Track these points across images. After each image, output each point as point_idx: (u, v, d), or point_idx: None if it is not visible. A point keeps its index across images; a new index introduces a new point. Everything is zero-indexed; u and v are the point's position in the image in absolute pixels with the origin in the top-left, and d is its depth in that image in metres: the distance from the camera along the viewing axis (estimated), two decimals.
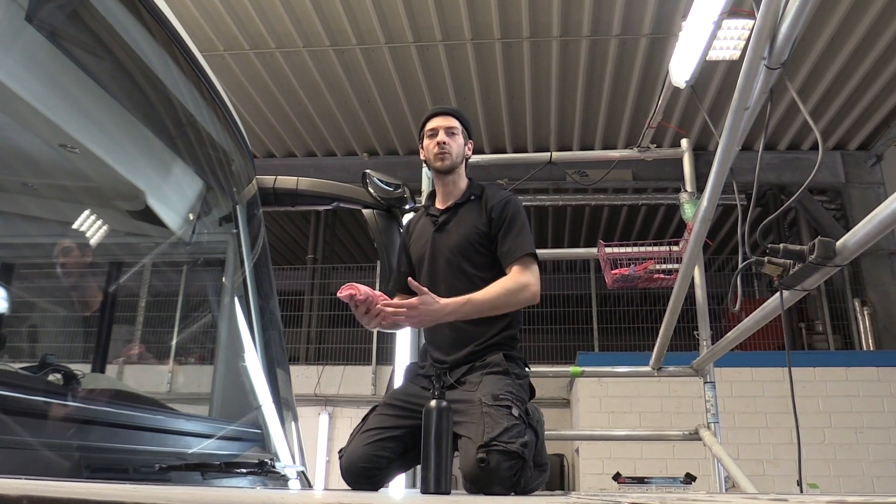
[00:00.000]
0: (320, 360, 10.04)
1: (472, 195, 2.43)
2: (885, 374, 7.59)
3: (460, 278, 2.32)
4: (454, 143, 2.42)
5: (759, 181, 9.36)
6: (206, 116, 2.19)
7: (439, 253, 2.38)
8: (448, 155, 2.41)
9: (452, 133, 2.43)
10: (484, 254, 2.33)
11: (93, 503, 0.54)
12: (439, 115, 2.47)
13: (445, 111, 2.49)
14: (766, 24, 1.95)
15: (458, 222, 2.40)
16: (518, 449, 1.91)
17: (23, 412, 1.14)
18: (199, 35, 7.65)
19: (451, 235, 2.38)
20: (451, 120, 2.45)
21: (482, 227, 2.34)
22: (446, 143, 2.41)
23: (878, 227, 1.65)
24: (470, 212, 2.40)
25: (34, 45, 1.46)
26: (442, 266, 2.37)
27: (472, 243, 2.33)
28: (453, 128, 2.43)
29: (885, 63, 7.87)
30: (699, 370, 3.88)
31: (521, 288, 2.23)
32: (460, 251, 2.34)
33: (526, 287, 2.23)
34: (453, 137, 2.42)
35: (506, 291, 2.21)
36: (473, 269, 2.32)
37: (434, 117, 2.47)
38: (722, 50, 4.19)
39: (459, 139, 2.44)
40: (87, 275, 2.01)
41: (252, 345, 2.25)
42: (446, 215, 2.43)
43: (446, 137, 2.41)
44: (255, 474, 1.79)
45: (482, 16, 7.40)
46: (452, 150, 2.41)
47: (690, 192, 4.20)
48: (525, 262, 2.28)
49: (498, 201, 2.37)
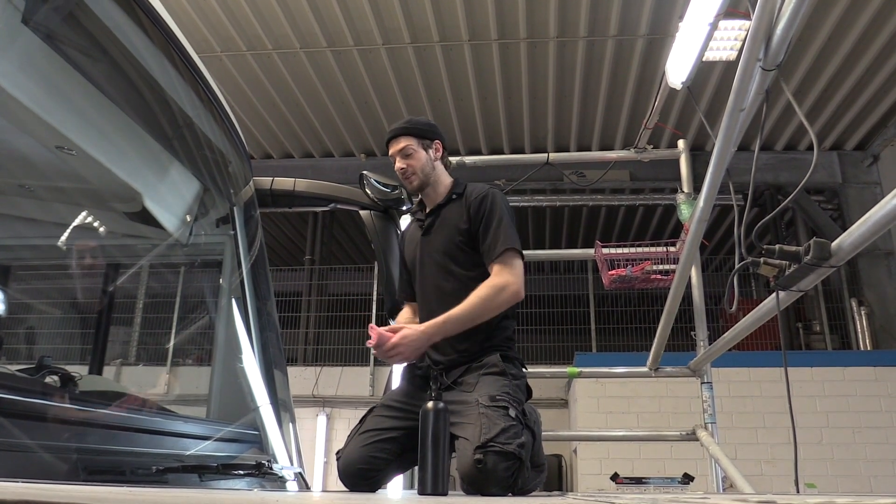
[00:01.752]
0: (318, 361, 10.04)
1: (454, 194, 2.45)
2: (882, 373, 7.60)
3: (448, 279, 2.33)
4: (414, 163, 2.43)
5: (756, 181, 9.37)
6: (202, 118, 2.19)
7: (427, 257, 2.41)
8: (413, 175, 2.44)
9: (407, 154, 2.43)
10: (468, 251, 2.34)
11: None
12: (391, 140, 2.47)
13: (395, 133, 2.47)
14: (762, 25, 1.96)
15: (441, 224, 2.42)
16: (515, 450, 1.91)
17: (20, 414, 1.14)
18: (195, 36, 7.64)
19: (435, 238, 2.41)
20: (401, 141, 2.44)
21: (463, 224, 2.35)
22: (405, 167, 2.43)
23: (873, 228, 1.65)
24: (451, 212, 2.42)
25: (30, 46, 1.46)
26: (430, 269, 2.39)
27: (456, 243, 2.34)
28: (405, 148, 2.43)
29: (881, 64, 7.88)
30: (696, 370, 3.89)
31: (498, 291, 2.21)
32: (445, 252, 2.35)
33: (504, 288, 2.22)
34: (410, 157, 2.43)
35: (483, 300, 2.20)
36: (460, 269, 2.33)
37: (389, 143, 2.48)
38: (718, 51, 4.21)
39: (419, 154, 2.44)
40: (84, 277, 2.01)
41: (249, 346, 2.25)
42: (430, 219, 2.46)
43: (403, 163, 2.44)
44: (253, 476, 1.79)
45: (479, 17, 7.40)
46: (416, 170, 2.43)
47: (687, 193, 4.21)
48: (505, 259, 2.26)
49: (476, 196, 2.37)
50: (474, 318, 2.20)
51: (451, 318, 2.18)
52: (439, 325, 2.17)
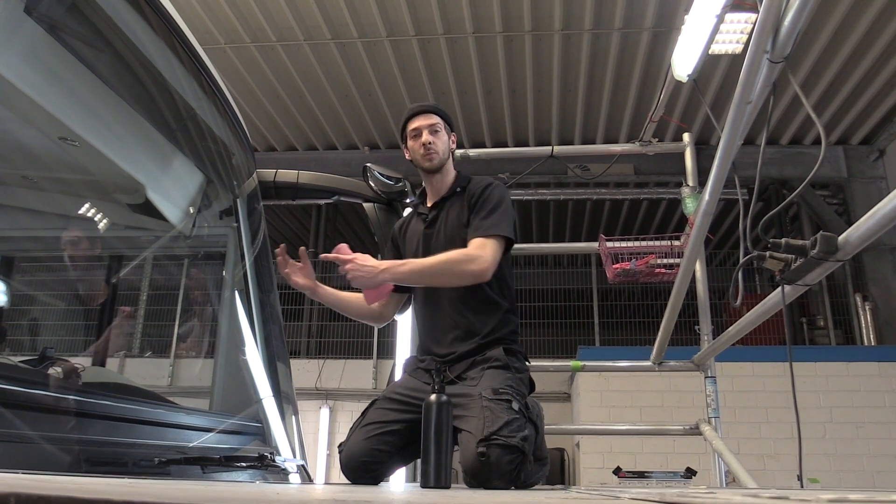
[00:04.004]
0: (321, 354, 10.06)
1: (458, 188, 2.43)
2: (886, 369, 7.59)
3: None
4: (439, 141, 2.40)
5: (762, 176, 9.32)
6: (206, 110, 2.18)
7: (429, 252, 2.37)
8: (435, 154, 2.39)
9: (436, 131, 2.40)
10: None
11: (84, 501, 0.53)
12: (420, 115, 2.43)
13: (425, 109, 2.45)
14: (769, 17, 1.94)
15: (444, 218, 2.39)
16: (518, 443, 1.91)
17: (22, 405, 1.14)
18: (199, 28, 7.63)
19: (439, 233, 2.38)
20: (433, 117, 2.41)
21: (465, 218, 2.33)
22: (432, 142, 2.39)
23: (880, 223, 1.64)
24: (455, 206, 2.39)
25: (34, 37, 1.45)
26: None
27: (461, 235, 2.31)
28: (435, 125, 2.40)
29: (889, 57, 7.84)
30: (700, 365, 3.88)
31: (466, 259, 2.17)
32: (449, 247, 2.32)
33: (473, 259, 2.16)
34: (437, 135, 2.40)
35: (448, 260, 2.17)
36: None
37: (415, 117, 2.44)
38: (724, 44, 4.18)
39: (443, 135, 2.42)
40: (87, 268, 2.01)
41: (252, 338, 2.25)
42: (434, 213, 2.43)
43: (431, 137, 2.39)
44: (256, 468, 1.80)
45: (484, 9, 7.37)
46: (439, 149, 2.40)
47: (692, 187, 4.19)
48: (488, 241, 2.21)
49: (479, 188, 2.35)
50: (433, 275, 2.19)
51: (410, 264, 2.19)
52: (396, 265, 2.19)
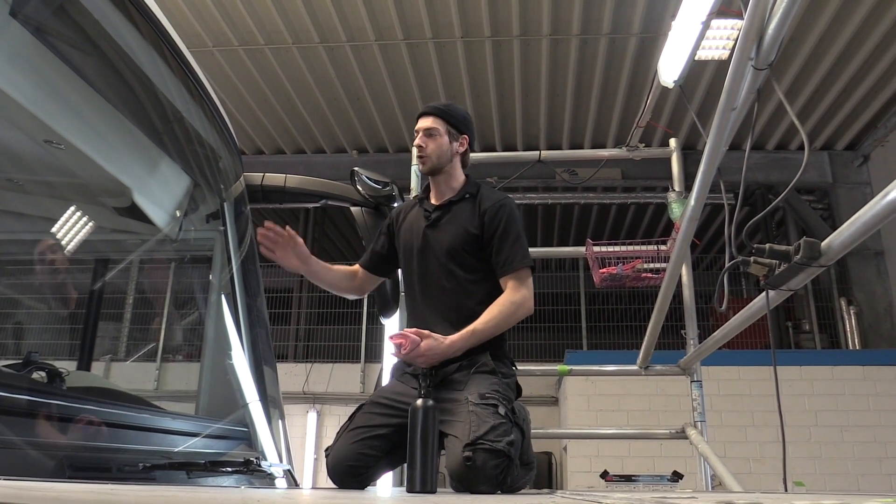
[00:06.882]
0: (308, 358, 10.03)
1: (467, 193, 2.42)
2: (870, 372, 7.65)
3: (450, 280, 2.32)
4: (432, 145, 2.40)
5: (747, 181, 9.41)
6: (193, 113, 2.18)
7: (431, 253, 2.37)
8: (427, 158, 2.41)
9: (430, 134, 2.41)
10: (472, 255, 2.33)
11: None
12: (421, 117, 2.45)
13: (426, 111, 2.46)
14: (754, 24, 1.96)
15: (450, 221, 2.39)
16: (504, 447, 1.91)
17: (5, 410, 1.13)
18: (187, 31, 7.60)
19: (442, 234, 2.37)
20: (430, 120, 2.42)
21: (474, 229, 2.33)
22: (422, 146, 2.41)
23: (862, 228, 1.66)
24: (463, 211, 2.38)
25: (19, 40, 1.44)
26: (434, 268, 2.36)
27: (463, 245, 2.32)
28: (432, 129, 2.41)
29: (873, 64, 7.92)
30: (686, 369, 3.90)
31: (517, 307, 2.26)
32: (451, 254, 2.33)
33: (521, 304, 2.26)
34: (431, 139, 2.41)
35: (504, 315, 2.24)
36: (463, 272, 2.32)
37: (418, 119, 2.46)
38: (710, 50, 4.21)
39: (441, 139, 2.41)
40: (72, 272, 2.00)
41: (239, 342, 2.25)
42: (439, 212, 2.42)
43: (422, 140, 2.41)
44: (241, 473, 1.79)
45: (472, 14, 7.39)
46: (430, 153, 2.40)
47: (678, 192, 4.21)
48: (520, 276, 2.29)
49: (492, 204, 2.35)
50: (495, 331, 2.24)
51: (477, 332, 2.20)
52: (465, 338, 2.18)
